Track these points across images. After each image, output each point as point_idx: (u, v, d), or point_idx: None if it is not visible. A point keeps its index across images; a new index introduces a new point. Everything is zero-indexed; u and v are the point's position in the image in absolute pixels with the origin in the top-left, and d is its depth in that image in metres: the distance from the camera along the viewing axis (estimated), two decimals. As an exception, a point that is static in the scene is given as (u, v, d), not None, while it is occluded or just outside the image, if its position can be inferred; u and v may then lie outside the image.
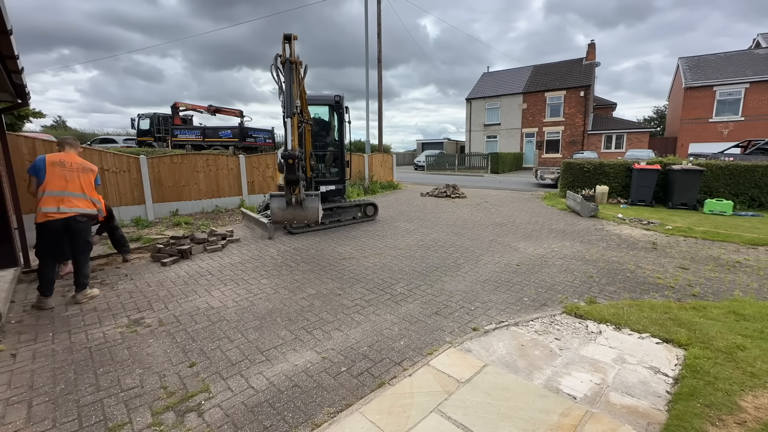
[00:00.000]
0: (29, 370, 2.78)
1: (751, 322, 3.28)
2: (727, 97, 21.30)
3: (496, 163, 24.45)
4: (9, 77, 3.98)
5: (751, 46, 24.67)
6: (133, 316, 3.68)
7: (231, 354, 3.00)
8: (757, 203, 9.41)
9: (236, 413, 2.33)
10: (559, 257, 5.57)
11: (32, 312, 3.77)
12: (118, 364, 2.86)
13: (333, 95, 7.77)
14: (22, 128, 18.55)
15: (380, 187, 14.39)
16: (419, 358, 2.91)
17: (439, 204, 11.00)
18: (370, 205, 8.59)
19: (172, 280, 4.71)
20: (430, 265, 5.26)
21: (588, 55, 28.54)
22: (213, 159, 9.58)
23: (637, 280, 4.60)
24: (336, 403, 2.42)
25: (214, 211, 9.39)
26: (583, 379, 2.60)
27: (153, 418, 2.29)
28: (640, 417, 2.22)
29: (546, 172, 16.35)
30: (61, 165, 3.85)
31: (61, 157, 3.90)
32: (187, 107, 20.74)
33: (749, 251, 5.82)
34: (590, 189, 10.95)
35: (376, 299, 4.07)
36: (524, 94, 28.95)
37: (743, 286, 4.37)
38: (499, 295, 4.18)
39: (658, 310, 3.59)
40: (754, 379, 2.46)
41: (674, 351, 2.92)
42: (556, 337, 3.19)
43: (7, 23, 2.89)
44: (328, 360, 2.91)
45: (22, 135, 6.62)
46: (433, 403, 2.35)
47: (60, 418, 2.28)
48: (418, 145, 42.27)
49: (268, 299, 4.09)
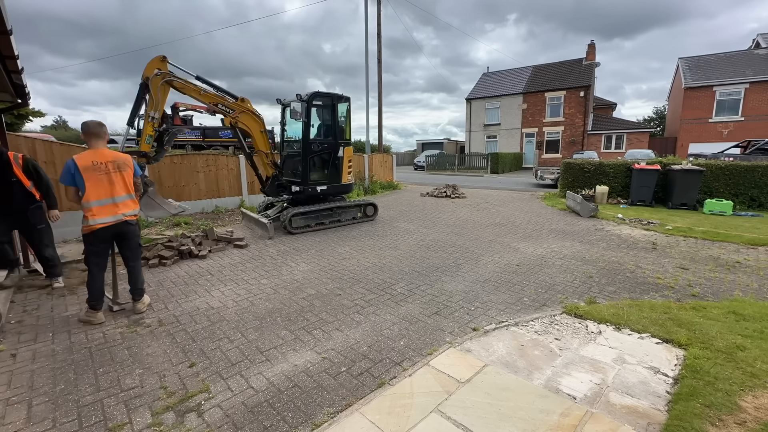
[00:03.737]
0: (29, 370, 2.78)
1: (751, 322, 3.28)
2: (727, 97, 21.30)
3: (496, 163, 24.45)
4: (9, 77, 3.98)
5: (750, 46, 24.68)
6: (133, 316, 3.68)
7: (231, 354, 3.00)
8: (756, 203, 9.41)
9: (236, 413, 2.33)
10: (559, 257, 5.57)
11: (32, 312, 3.77)
12: (118, 364, 2.86)
13: (304, 94, 7.22)
14: (22, 128, 18.54)
15: (380, 187, 14.39)
16: (419, 358, 2.91)
17: (439, 204, 11.00)
18: (370, 205, 8.58)
19: (172, 280, 4.71)
20: (430, 265, 5.26)
21: (588, 56, 28.55)
22: (213, 159, 9.58)
23: (636, 280, 4.60)
24: (336, 403, 2.42)
25: (214, 211, 9.39)
26: (583, 379, 2.60)
27: (153, 418, 2.29)
28: (640, 417, 2.22)
29: (546, 173, 16.35)
30: (96, 169, 3.40)
31: (93, 158, 3.41)
32: (187, 107, 20.66)
33: (749, 251, 5.82)
34: (590, 189, 10.95)
35: (376, 299, 4.07)
36: (524, 94, 28.95)
37: (743, 286, 4.37)
38: (499, 295, 4.18)
39: (658, 310, 3.59)
40: (754, 379, 2.46)
41: (674, 351, 2.92)
42: (556, 337, 3.19)
43: (7, 23, 2.89)
44: (328, 360, 2.91)
45: (22, 135, 6.63)
46: (433, 403, 2.35)
47: (60, 418, 2.28)
48: (418, 145, 42.29)
49: (268, 299, 4.09)
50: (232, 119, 6.49)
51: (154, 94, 5.45)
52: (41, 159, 6.34)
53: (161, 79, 5.48)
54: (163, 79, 5.49)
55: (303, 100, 7.08)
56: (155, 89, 5.45)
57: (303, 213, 7.31)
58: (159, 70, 5.49)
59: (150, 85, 5.41)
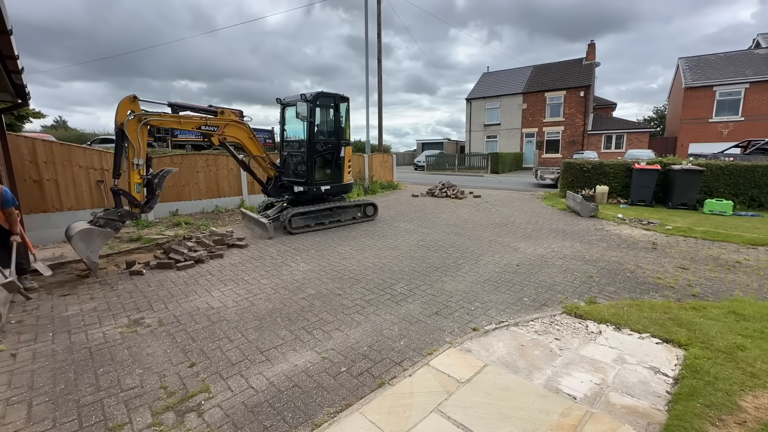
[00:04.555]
0: (29, 370, 2.78)
1: (751, 322, 3.28)
2: (727, 97, 21.28)
3: (496, 163, 24.44)
4: (9, 77, 3.98)
5: (751, 46, 24.66)
6: (133, 316, 3.68)
7: (231, 354, 3.00)
8: (756, 203, 9.41)
9: (236, 413, 2.33)
10: (559, 257, 5.57)
11: (32, 312, 3.77)
12: (118, 364, 2.86)
13: (308, 94, 7.23)
14: (22, 128, 18.53)
15: (380, 187, 14.39)
16: (419, 358, 2.91)
17: (439, 204, 10.99)
18: (370, 205, 8.59)
19: (172, 280, 4.71)
20: (430, 265, 5.26)
21: (588, 56, 28.53)
22: (213, 159, 9.58)
23: (637, 280, 4.60)
24: (336, 403, 2.42)
25: (214, 211, 9.39)
26: (583, 379, 2.60)
27: (153, 418, 2.29)
28: (640, 417, 2.22)
29: (546, 172, 16.35)
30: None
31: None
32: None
33: (749, 251, 5.81)
34: (590, 189, 10.95)
35: (376, 299, 4.07)
36: (524, 94, 28.93)
37: (743, 286, 4.37)
38: (499, 295, 4.18)
39: (658, 310, 3.59)
40: (754, 379, 2.46)
41: (674, 351, 2.92)
42: (556, 337, 3.19)
43: (7, 23, 2.90)
44: (328, 360, 2.91)
45: (22, 135, 6.63)
46: (433, 403, 2.35)
47: (60, 418, 2.28)
48: (418, 145, 42.25)
49: (268, 299, 4.09)
50: (219, 137, 6.21)
51: (134, 140, 4.97)
52: (41, 159, 6.35)
53: (137, 122, 5.00)
54: (139, 121, 5.02)
55: (308, 100, 7.05)
56: (133, 134, 4.97)
57: (303, 213, 7.31)
58: (132, 112, 5.02)
59: (126, 130, 4.91)
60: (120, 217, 4.97)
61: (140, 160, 5.07)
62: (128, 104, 5.03)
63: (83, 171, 6.93)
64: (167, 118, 5.55)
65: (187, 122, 5.90)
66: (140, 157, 5.06)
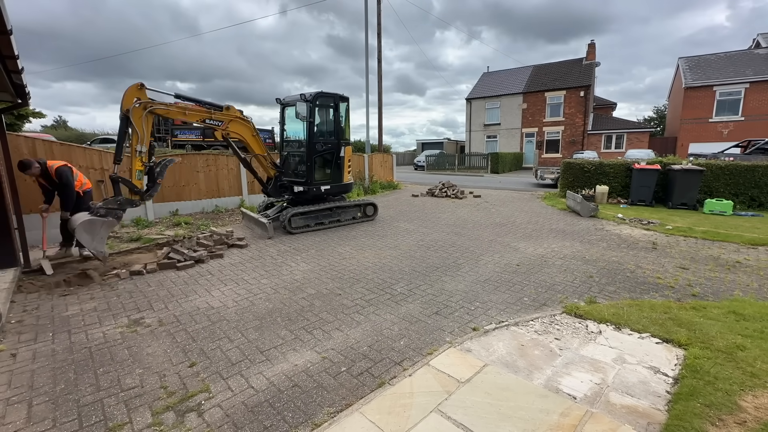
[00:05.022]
0: (29, 370, 2.78)
1: (751, 322, 3.28)
2: (727, 97, 21.28)
3: (496, 163, 24.44)
4: (9, 77, 3.98)
5: (751, 46, 24.66)
6: (133, 316, 3.68)
7: (231, 354, 3.00)
8: (757, 203, 9.41)
9: (236, 413, 2.33)
10: (559, 257, 5.57)
11: (32, 312, 3.77)
12: (118, 364, 2.86)
13: (307, 93, 7.24)
14: (22, 128, 18.53)
15: (380, 187, 14.39)
16: (419, 358, 2.91)
17: (439, 204, 10.99)
18: (370, 205, 8.58)
19: (172, 279, 4.71)
20: (430, 265, 5.26)
21: (588, 55, 28.53)
22: (213, 159, 9.58)
23: (637, 280, 4.60)
24: (336, 403, 2.42)
25: (214, 211, 9.39)
26: (583, 379, 2.60)
27: (153, 418, 2.29)
28: (640, 417, 2.22)
29: (546, 172, 16.34)
30: None
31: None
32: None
33: (749, 251, 5.82)
34: (590, 189, 10.95)
35: (376, 299, 4.07)
36: (524, 94, 28.93)
37: (743, 286, 4.37)
38: (499, 295, 4.18)
39: (658, 310, 3.59)
40: (754, 379, 2.46)
41: (674, 351, 2.92)
42: (556, 337, 3.19)
43: (7, 23, 2.89)
44: (328, 360, 2.91)
45: (22, 135, 6.63)
46: (433, 403, 2.35)
47: (60, 418, 2.28)
48: (418, 145, 42.26)
49: (268, 299, 4.09)
50: (223, 131, 6.22)
51: (138, 127, 4.99)
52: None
53: (143, 109, 5.03)
54: (144, 109, 5.05)
55: (307, 100, 7.05)
56: (138, 121, 4.99)
57: (302, 213, 7.31)
58: (139, 100, 5.04)
59: (132, 117, 4.93)
60: (120, 204, 5.00)
61: (143, 147, 5.11)
62: (135, 91, 5.08)
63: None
64: (172, 108, 5.57)
65: (192, 113, 5.89)
66: (143, 144, 5.10)
